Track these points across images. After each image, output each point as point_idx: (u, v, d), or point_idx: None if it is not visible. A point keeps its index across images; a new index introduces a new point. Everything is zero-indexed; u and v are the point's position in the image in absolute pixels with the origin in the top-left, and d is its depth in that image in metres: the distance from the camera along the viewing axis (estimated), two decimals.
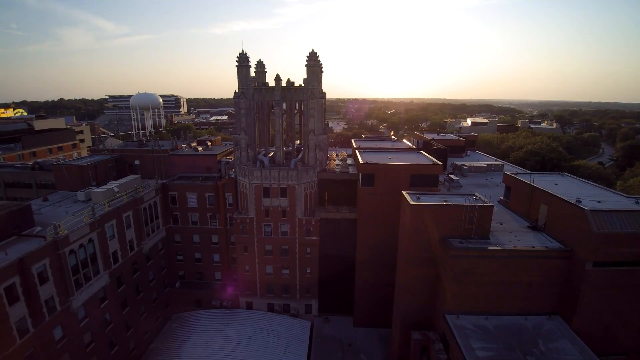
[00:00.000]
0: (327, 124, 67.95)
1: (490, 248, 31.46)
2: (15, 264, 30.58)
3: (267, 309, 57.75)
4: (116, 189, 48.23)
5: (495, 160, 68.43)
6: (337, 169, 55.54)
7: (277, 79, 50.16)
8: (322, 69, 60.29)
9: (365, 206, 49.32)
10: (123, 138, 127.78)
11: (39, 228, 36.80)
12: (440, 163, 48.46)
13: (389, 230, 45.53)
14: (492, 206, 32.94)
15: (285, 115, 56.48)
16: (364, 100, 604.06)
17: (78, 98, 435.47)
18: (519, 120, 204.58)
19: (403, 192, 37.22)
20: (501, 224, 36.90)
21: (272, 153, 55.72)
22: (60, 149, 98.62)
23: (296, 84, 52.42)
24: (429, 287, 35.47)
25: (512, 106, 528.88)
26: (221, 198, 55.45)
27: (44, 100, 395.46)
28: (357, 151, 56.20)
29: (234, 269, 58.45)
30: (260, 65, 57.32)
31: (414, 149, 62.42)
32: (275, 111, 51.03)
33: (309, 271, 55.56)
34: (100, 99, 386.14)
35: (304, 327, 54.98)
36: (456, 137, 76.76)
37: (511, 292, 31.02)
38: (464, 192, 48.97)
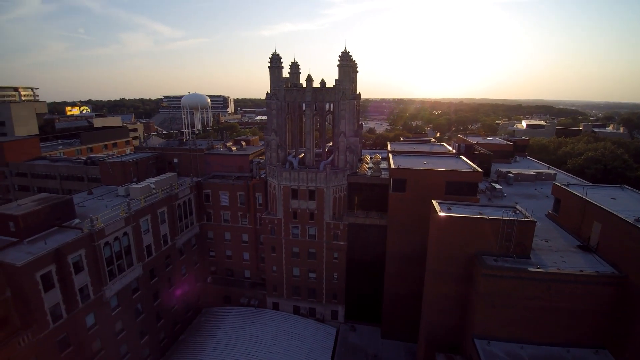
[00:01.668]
0: (362, 125, 66.01)
1: (529, 269, 27.92)
2: (52, 253, 32.73)
3: (293, 311, 57.34)
4: (152, 186, 50.40)
5: (548, 168, 62.00)
6: (368, 172, 53.51)
7: (309, 79, 49.37)
8: (357, 69, 58.86)
9: (396, 213, 46.85)
10: (166, 137, 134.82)
11: (77, 220, 39.23)
12: (479, 170, 44.60)
13: (421, 240, 42.64)
14: (534, 222, 29.27)
15: (316, 117, 55.59)
16: (410, 101, 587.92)
17: (137, 98, 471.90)
18: (581, 124, 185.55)
19: (433, 201, 34.52)
20: (546, 241, 32.83)
21: (303, 155, 55.06)
22: (114, 145, 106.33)
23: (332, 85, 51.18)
24: (458, 306, 32.55)
25: (574, 107, 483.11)
26: (251, 198, 55.91)
27: (107, 99, 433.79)
28: (390, 154, 53.76)
29: (263, 269, 58.75)
30: (295, 66, 57.01)
31: (453, 153, 58.41)
32: (306, 112, 50.26)
33: (336, 276, 54.20)
34: (157, 98, 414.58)
35: (329, 333, 53.74)
36: (504, 141, 70.76)
37: (552, 320, 27.31)
38: (506, 203, 44.92)
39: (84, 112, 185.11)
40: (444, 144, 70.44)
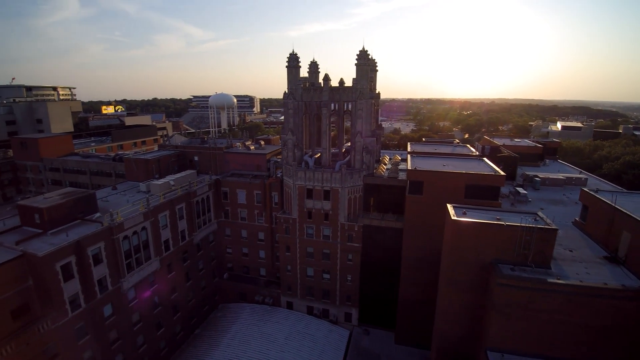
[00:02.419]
0: (382, 125, 64.79)
1: (549, 280, 26.13)
2: (72, 245, 34.22)
3: (306, 311, 57.17)
4: (172, 182, 51.75)
5: (580, 173, 58.25)
6: (385, 173, 52.42)
7: (326, 78, 48.96)
8: (377, 68, 57.83)
9: (413, 216, 45.57)
10: (189, 135, 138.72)
11: (98, 214, 40.83)
12: (502, 173, 42.52)
13: (438, 245, 41.17)
14: (556, 230, 27.38)
15: (334, 116, 55.09)
16: (439, 101, 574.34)
17: (168, 97, 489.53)
18: (621, 126, 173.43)
19: (448, 205, 33.17)
20: (571, 251, 30.69)
21: (319, 154, 54.73)
22: (143, 143, 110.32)
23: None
24: (472, 317, 31.06)
25: (614, 109, 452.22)
26: (268, 196, 56.22)
27: (140, 99, 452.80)
28: (409, 155, 52.39)
29: (278, 267, 58.97)
30: (314, 66, 56.81)
31: (476, 155, 56.11)
32: (322, 112, 49.88)
33: (350, 278, 53.50)
34: (187, 98, 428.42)
35: (342, 335, 53.13)
36: (532, 144, 67.18)
37: (572, 335, 25.43)
38: (531, 208, 42.58)
39: (118, 111, 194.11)
40: (468, 146, 67.87)
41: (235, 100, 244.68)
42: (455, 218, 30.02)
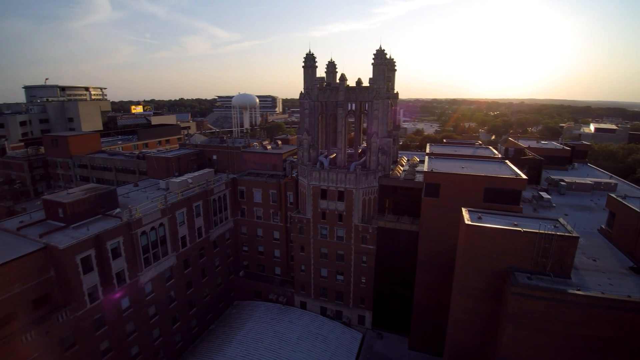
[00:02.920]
0: (400, 126, 63.69)
1: (569, 291, 24.74)
2: (92, 239, 35.61)
3: (320, 311, 57.01)
4: (190, 181, 52.94)
5: (610, 177, 54.98)
6: (402, 175, 51.45)
7: (342, 78, 48.63)
8: (395, 68, 56.89)
9: (429, 219, 44.44)
10: (209, 135, 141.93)
11: (118, 210, 42.28)
12: (523, 176, 40.71)
13: (454, 250, 40.06)
14: (577, 238, 25.90)
15: (351, 117, 54.66)
16: (464, 101, 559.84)
17: (194, 98, 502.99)
18: None
19: (463, 208, 32.14)
20: (594, 260, 29.00)
21: (335, 155, 54.44)
22: (167, 141, 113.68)
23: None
24: (486, 325, 29.98)
25: None
26: (283, 196, 56.48)
27: (167, 99, 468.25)
28: (426, 157, 51.17)
29: (292, 267, 59.14)
30: (331, 66, 56.65)
31: (498, 157, 54.10)
32: (338, 112, 49.55)
33: (364, 281, 52.90)
34: (212, 98, 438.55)
35: (355, 338, 52.61)
36: (560, 146, 64.03)
37: (592, 351, 23.98)
38: (555, 214, 40.64)
39: (146, 110, 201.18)
40: (490, 148, 65.57)
41: (257, 100, 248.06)
42: (469, 222, 29.05)
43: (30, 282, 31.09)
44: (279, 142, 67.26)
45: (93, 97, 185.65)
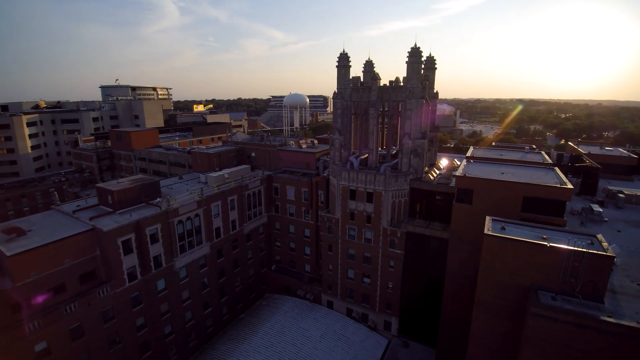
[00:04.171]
0: (438, 127, 60.91)
1: (600, 317, 22.05)
2: (132, 224, 39.38)
3: (346, 312, 56.83)
4: (226, 176, 55.88)
5: None
6: (435, 179, 49.28)
7: (374, 78, 47.95)
8: (435, 66, 54.65)
9: (459, 227, 42.00)
10: (251, 133, 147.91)
11: (159, 199, 46.11)
12: (569, 185, 36.75)
13: None
14: (612, 257, 22.94)
15: (386, 117, 53.58)
16: (532, 101, 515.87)
17: (251, 97, 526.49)
18: None
19: (487, 217, 30.07)
20: (639, 284, 25.44)
21: (366, 155, 53.79)
22: (219, 138, 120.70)
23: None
24: (508, 346, 27.85)
25: None
26: (314, 195, 57.17)
27: (226, 99, 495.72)
28: (464, 161, 48.44)
29: (320, 265, 59.65)
30: (368, 65, 55.86)
31: (547, 164, 49.37)
32: (370, 112, 48.91)
33: (390, 285, 51.67)
34: (266, 98, 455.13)
35: (379, 344, 51.67)
36: (627, 154, 56.44)
37: None
38: (606, 229, 36.25)
39: (208, 109, 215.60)
40: (542, 153, 59.95)
41: (307, 100, 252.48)
42: (490, 233, 27.13)
43: (78, 258, 35.35)
44: (315, 142, 68.09)
45: (160, 96, 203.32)
